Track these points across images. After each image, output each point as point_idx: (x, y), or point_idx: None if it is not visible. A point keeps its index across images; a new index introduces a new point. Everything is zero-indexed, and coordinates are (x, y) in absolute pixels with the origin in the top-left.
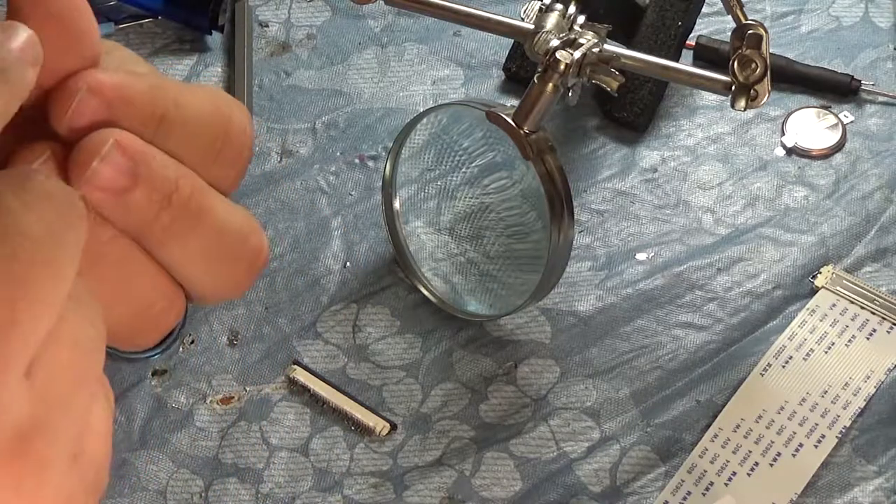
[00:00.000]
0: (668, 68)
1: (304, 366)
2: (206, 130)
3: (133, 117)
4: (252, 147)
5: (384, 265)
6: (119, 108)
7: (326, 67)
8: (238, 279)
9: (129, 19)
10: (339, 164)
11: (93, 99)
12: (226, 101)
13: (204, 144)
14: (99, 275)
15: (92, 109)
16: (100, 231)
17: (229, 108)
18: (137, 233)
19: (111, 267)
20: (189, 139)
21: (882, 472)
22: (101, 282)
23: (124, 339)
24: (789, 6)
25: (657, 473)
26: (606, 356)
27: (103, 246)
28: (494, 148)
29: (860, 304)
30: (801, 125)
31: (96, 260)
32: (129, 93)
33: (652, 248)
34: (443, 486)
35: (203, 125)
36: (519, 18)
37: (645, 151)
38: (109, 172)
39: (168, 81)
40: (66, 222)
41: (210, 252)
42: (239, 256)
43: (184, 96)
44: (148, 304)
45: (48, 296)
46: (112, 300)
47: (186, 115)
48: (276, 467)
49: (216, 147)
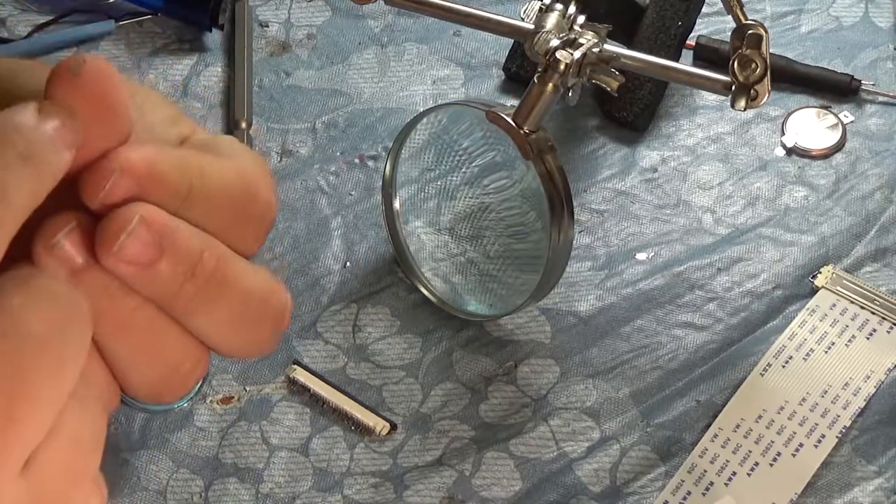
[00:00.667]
0: (668, 68)
1: (304, 366)
2: (231, 201)
3: (161, 192)
4: (276, 215)
5: (384, 265)
6: (148, 185)
7: (326, 67)
8: (263, 339)
9: (129, 16)
10: (339, 164)
11: (125, 179)
12: (252, 170)
13: (228, 214)
14: (126, 340)
15: (124, 189)
16: (127, 300)
17: (255, 177)
18: (163, 302)
19: (138, 333)
20: (214, 209)
21: (882, 472)
22: (128, 347)
23: (151, 396)
24: (789, 6)
25: (657, 473)
26: (606, 356)
27: (130, 313)
28: (494, 148)
29: (860, 304)
30: (801, 125)
31: (123, 326)
32: (158, 170)
33: (652, 248)
34: (443, 486)
35: (228, 196)
36: (519, 18)
37: (645, 151)
38: (135, 247)
39: (196, 152)
40: (69, 322)
41: (235, 318)
42: (263, 319)
43: (210, 167)
44: (175, 366)
45: (49, 395)
46: (139, 363)
47: (212, 186)
48: (276, 467)
49: (240, 216)
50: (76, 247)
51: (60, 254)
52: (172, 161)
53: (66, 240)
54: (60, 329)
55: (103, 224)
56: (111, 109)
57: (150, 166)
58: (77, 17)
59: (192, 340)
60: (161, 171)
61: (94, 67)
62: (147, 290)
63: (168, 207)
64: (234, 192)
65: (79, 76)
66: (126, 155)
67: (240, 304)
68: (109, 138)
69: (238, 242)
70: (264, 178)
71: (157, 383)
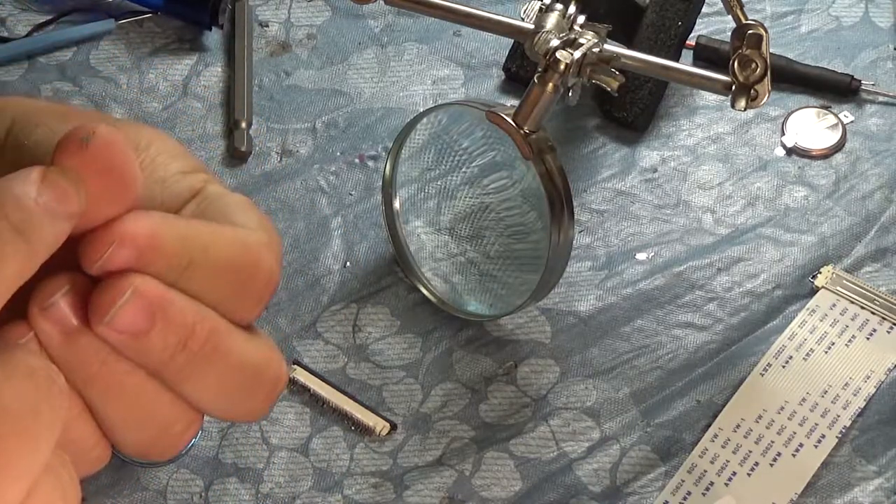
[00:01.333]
0: (668, 68)
1: (304, 366)
2: (233, 273)
3: (160, 263)
4: (277, 287)
5: (384, 265)
6: (148, 256)
7: (326, 67)
8: (254, 407)
9: (129, 16)
10: (339, 164)
11: (124, 250)
12: (257, 240)
13: (228, 285)
14: (117, 403)
15: (122, 259)
16: (119, 364)
17: (258, 249)
18: (154, 369)
19: (129, 396)
20: (213, 281)
21: (882, 472)
22: (119, 409)
23: (142, 455)
24: (789, 6)
25: (657, 473)
26: (606, 356)
27: (122, 377)
28: (494, 148)
29: (860, 304)
30: (801, 125)
31: (115, 389)
32: (160, 242)
33: (652, 248)
34: (443, 486)
35: (229, 268)
36: (519, 18)
37: (645, 151)
38: (127, 317)
39: (200, 224)
40: (45, 398)
41: (226, 387)
42: (256, 389)
43: (214, 239)
44: (166, 427)
45: (22, 470)
46: (130, 425)
47: (214, 259)
48: (276, 467)
49: (240, 288)
50: (71, 309)
51: (54, 315)
52: (174, 233)
53: (61, 301)
54: (34, 405)
55: (97, 292)
56: (119, 181)
57: (150, 238)
58: (77, 17)
59: (183, 404)
60: (161, 243)
61: (104, 139)
62: (138, 358)
63: (166, 278)
64: (235, 265)
65: (88, 147)
66: (127, 226)
67: (231, 375)
68: (114, 207)
69: (237, 311)
70: (269, 247)
71: (148, 443)
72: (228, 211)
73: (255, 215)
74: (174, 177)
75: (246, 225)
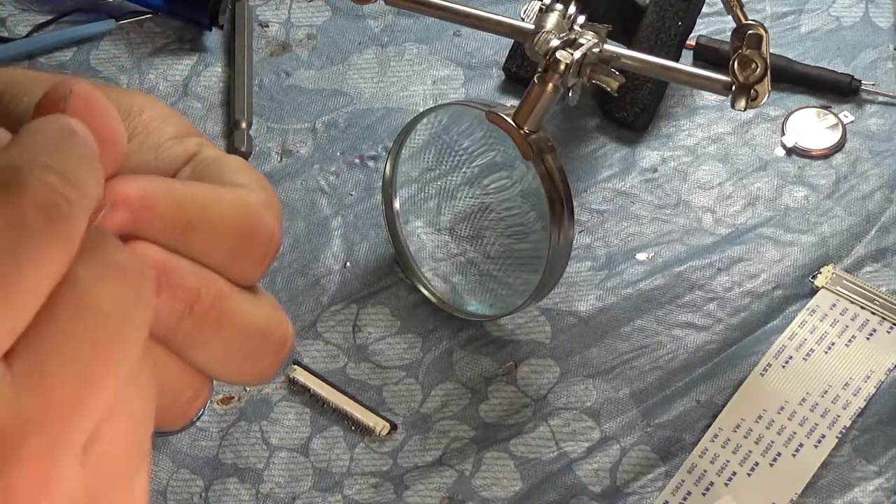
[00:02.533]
0: (668, 68)
1: (304, 366)
2: (233, 234)
3: (156, 226)
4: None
5: (384, 265)
6: (144, 218)
7: (326, 67)
8: (263, 370)
9: (129, 16)
10: (339, 164)
11: (118, 212)
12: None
13: (229, 247)
14: None
15: (117, 222)
16: None
17: (258, 209)
18: (161, 336)
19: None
20: (214, 244)
21: (882, 472)
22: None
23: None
24: (789, 6)
25: (657, 473)
26: (606, 356)
27: None
28: (494, 148)
29: (860, 304)
30: (801, 125)
31: None
32: (154, 202)
33: (652, 248)
34: (443, 486)
35: (229, 231)
36: (519, 18)
37: (645, 151)
38: None
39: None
40: (136, 297)
41: (234, 351)
42: (263, 351)
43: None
44: (175, 396)
45: (114, 374)
46: None
47: (212, 221)
48: (276, 467)
49: (241, 249)
50: None
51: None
52: (169, 194)
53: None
54: (128, 304)
55: None
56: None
57: (143, 199)
58: (77, 17)
59: (192, 371)
60: (156, 203)
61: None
62: None
63: (164, 242)
64: (235, 225)
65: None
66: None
67: (239, 339)
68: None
69: (239, 273)
70: (268, 206)
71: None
72: (224, 172)
73: (252, 175)
74: (168, 142)
75: (244, 185)
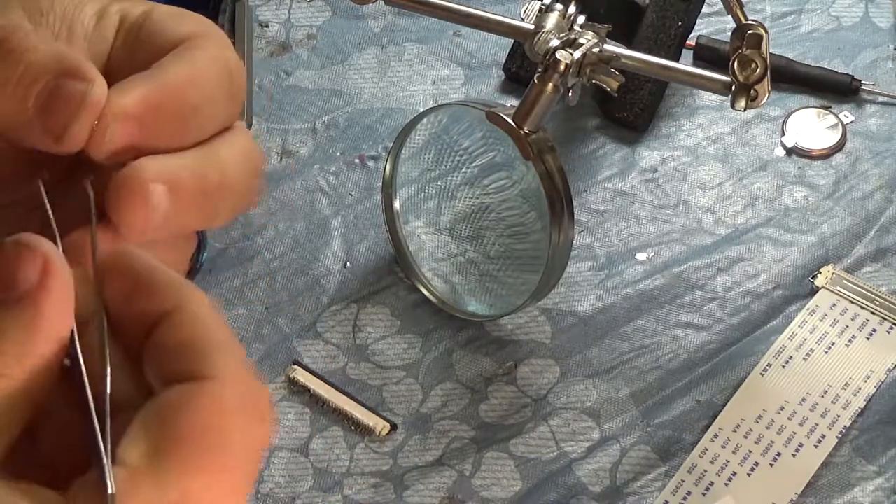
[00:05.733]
0: (668, 68)
1: (304, 366)
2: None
3: (165, 127)
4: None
5: (384, 265)
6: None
7: (326, 67)
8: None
9: None
10: (339, 164)
11: (120, 124)
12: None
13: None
14: None
15: (126, 134)
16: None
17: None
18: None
19: None
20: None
21: (882, 472)
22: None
23: None
24: (789, 6)
25: (657, 473)
26: (606, 356)
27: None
28: (494, 148)
29: (860, 304)
30: (801, 125)
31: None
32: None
33: (652, 248)
34: (443, 486)
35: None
36: (519, 18)
37: (645, 151)
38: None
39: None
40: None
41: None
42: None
43: (197, 74)
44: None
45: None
46: None
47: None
48: (276, 467)
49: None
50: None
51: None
52: (165, 90)
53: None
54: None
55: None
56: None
57: (143, 104)
58: None
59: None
60: (159, 103)
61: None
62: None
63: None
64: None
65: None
66: (115, 102)
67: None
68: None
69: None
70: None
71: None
72: (165, 29)
73: (190, 20)
74: (94, 24)
75: (192, 34)
